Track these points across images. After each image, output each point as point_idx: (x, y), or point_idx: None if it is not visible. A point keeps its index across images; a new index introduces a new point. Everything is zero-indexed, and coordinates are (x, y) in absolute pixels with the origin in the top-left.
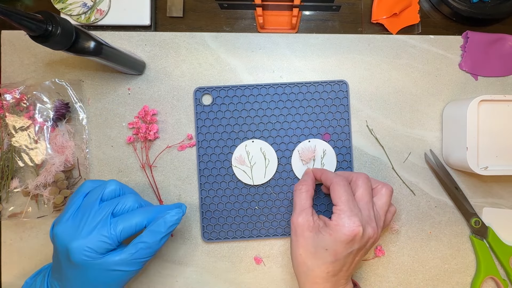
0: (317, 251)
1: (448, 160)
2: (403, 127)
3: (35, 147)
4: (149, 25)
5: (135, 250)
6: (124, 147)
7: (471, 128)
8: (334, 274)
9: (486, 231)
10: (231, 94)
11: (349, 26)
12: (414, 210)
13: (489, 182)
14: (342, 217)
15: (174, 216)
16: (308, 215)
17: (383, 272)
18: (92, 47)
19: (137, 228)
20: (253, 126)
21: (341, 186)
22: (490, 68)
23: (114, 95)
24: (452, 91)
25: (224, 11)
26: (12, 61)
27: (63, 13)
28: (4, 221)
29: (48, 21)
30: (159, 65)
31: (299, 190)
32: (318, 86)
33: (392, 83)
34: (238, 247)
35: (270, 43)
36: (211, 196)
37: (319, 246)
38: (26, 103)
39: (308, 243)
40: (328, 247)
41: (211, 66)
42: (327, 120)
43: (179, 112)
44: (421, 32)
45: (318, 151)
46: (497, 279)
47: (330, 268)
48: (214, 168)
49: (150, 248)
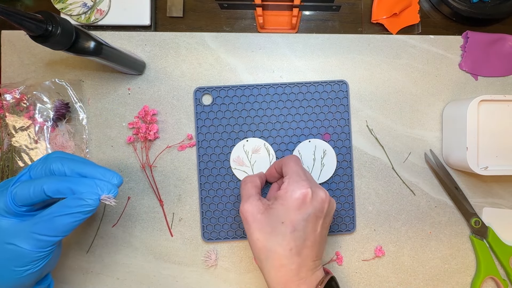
0: (274, 228)
1: (448, 160)
2: (403, 127)
3: (35, 147)
4: (149, 25)
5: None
6: (124, 147)
7: (471, 128)
8: (297, 252)
9: (486, 231)
10: (231, 94)
11: (349, 26)
12: (414, 210)
13: (489, 182)
14: (291, 183)
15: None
16: (255, 200)
17: (383, 272)
18: (92, 47)
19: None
20: (253, 126)
21: (291, 159)
22: (490, 68)
23: (114, 95)
24: (452, 91)
25: (224, 11)
26: (12, 61)
27: (63, 13)
28: None
29: (48, 21)
30: (159, 65)
31: (243, 182)
32: (318, 86)
33: (392, 83)
34: (238, 247)
35: (270, 43)
36: (211, 196)
37: (274, 222)
38: (26, 103)
39: (263, 224)
40: (283, 218)
41: (211, 66)
42: (327, 120)
43: (179, 112)
44: (421, 32)
45: (318, 151)
46: (497, 279)
47: (292, 243)
48: (214, 168)
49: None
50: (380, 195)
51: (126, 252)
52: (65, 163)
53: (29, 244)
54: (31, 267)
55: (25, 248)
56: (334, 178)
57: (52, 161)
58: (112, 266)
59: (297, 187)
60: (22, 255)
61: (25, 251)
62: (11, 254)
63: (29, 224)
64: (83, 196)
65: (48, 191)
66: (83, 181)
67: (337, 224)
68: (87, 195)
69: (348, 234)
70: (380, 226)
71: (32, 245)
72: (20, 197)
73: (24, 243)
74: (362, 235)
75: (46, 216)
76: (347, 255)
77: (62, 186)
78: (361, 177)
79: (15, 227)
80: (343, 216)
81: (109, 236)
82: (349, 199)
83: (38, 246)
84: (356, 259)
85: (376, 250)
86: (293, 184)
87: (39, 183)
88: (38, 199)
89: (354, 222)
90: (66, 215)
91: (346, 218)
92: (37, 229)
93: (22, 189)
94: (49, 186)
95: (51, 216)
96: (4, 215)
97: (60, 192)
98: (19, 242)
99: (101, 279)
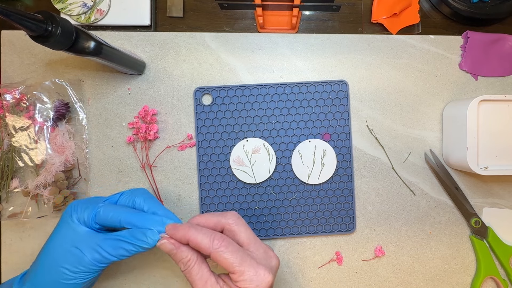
0: None
1: (448, 160)
2: (403, 127)
3: (35, 147)
4: (149, 25)
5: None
6: (124, 147)
7: (471, 128)
8: None
9: (486, 231)
10: (231, 94)
11: (349, 26)
12: (414, 210)
13: (489, 182)
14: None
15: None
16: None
17: (383, 272)
18: (92, 47)
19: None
20: (253, 126)
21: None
22: (490, 68)
23: (114, 95)
24: (452, 91)
25: (224, 11)
26: (12, 61)
27: (63, 13)
28: (4, 221)
29: (48, 21)
30: (159, 65)
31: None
32: (318, 86)
33: (392, 83)
34: None
35: (270, 43)
36: (211, 196)
37: None
38: (26, 103)
39: None
40: None
41: (211, 66)
42: (327, 120)
43: (179, 112)
44: (421, 32)
45: (318, 151)
46: (497, 279)
47: None
48: (214, 168)
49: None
50: (380, 195)
51: None
52: (146, 201)
53: (90, 255)
54: (80, 277)
55: (86, 256)
56: (334, 178)
57: (137, 195)
58: (112, 266)
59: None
60: (80, 262)
61: (85, 258)
62: (72, 258)
63: (99, 237)
64: (148, 234)
65: (124, 222)
66: (152, 218)
67: (337, 224)
68: (151, 234)
69: (348, 234)
70: (380, 226)
71: (92, 256)
72: (100, 217)
73: (87, 251)
74: (362, 235)
75: (115, 236)
76: (347, 255)
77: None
78: (361, 177)
79: (87, 236)
80: (343, 216)
81: None
82: (349, 199)
83: (96, 259)
84: (356, 259)
85: (376, 250)
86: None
87: (119, 212)
88: (112, 224)
89: (354, 222)
90: (129, 243)
91: (346, 218)
92: (103, 244)
93: (104, 212)
94: (125, 217)
95: (119, 238)
96: (81, 224)
97: (133, 224)
98: (84, 249)
99: (101, 279)
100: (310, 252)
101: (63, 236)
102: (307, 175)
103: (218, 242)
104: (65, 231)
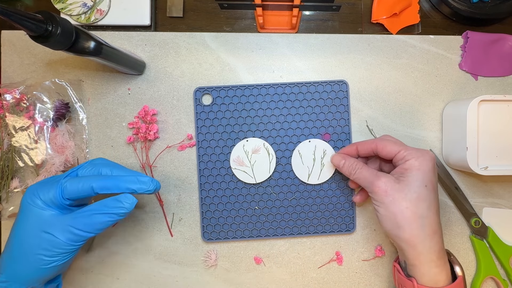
0: (419, 193)
1: (448, 160)
2: (403, 127)
3: (35, 147)
4: (149, 25)
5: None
6: (124, 147)
7: (471, 128)
8: (438, 213)
9: (486, 231)
10: (231, 94)
11: (349, 26)
12: None
13: (489, 182)
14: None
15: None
16: (383, 174)
17: (383, 272)
18: (92, 47)
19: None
20: (253, 126)
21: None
22: (490, 68)
23: (114, 95)
24: (452, 91)
25: (224, 11)
26: (12, 61)
27: (63, 13)
28: (4, 221)
29: (48, 21)
30: (159, 65)
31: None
32: (318, 86)
33: (392, 83)
34: (238, 247)
35: (270, 43)
36: (211, 196)
37: (417, 187)
38: (26, 103)
39: (405, 191)
40: (425, 182)
41: (211, 66)
42: (327, 120)
43: (179, 112)
44: (421, 32)
45: (318, 151)
46: (497, 279)
47: (437, 206)
48: (214, 168)
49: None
50: None
51: (126, 252)
52: (113, 169)
53: (64, 236)
54: (58, 259)
55: (60, 239)
56: (334, 178)
57: (101, 166)
58: (112, 266)
59: (424, 152)
60: (55, 245)
61: (59, 241)
62: (46, 243)
63: (68, 218)
64: (121, 199)
65: (96, 187)
66: (126, 179)
67: (337, 224)
68: (125, 198)
69: (348, 234)
70: (380, 226)
71: (66, 238)
72: (69, 191)
73: (60, 234)
74: (362, 235)
75: (86, 212)
76: (347, 255)
77: (109, 183)
78: None
79: (55, 219)
80: (343, 216)
81: (109, 236)
82: (349, 199)
83: (71, 239)
84: (356, 259)
85: (376, 250)
86: (417, 151)
87: (88, 180)
88: (84, 194)
89: (354, 222)
90: (104, 214)
91: (346, 218)
92: (75, 223)
93: (72, 184)
94: (97, 183)
95: (90, 213)
96: (48, 206)
97: (107, 187)
98: (56, 233)
99: (101, 279)
100: (310, 252)
101: (31, 224)
102: (307, 175)
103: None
104: (32, 218)
